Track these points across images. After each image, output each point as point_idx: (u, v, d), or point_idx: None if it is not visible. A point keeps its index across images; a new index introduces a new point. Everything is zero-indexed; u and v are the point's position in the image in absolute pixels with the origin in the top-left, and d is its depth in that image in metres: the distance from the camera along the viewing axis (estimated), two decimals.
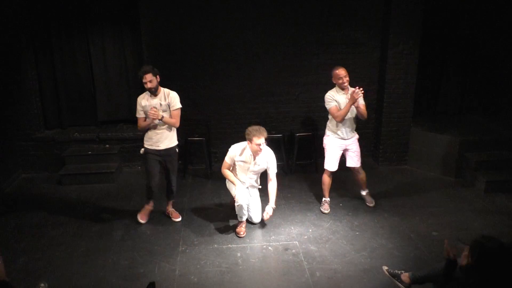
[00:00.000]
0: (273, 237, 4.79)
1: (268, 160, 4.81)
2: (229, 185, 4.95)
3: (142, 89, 6.57)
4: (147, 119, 4.81)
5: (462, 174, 6.25)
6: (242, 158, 4.75)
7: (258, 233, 4.87)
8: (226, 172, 4.86)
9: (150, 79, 4.69)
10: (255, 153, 4.67)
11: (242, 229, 4.83)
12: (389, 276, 3.88)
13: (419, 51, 6.37)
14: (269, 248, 4.58)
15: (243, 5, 6.24)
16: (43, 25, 6.35)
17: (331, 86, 6.69)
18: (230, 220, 5.13)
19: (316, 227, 4.98)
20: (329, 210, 5.36)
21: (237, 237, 4.76)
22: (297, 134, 6.45)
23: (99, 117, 6.81)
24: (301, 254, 4.44)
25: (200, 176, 6.44)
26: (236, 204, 4.70)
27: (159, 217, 5.24)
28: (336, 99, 5.07)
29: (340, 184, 6.14)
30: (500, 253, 2.60)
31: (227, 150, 6.75)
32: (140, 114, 4.85)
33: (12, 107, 6.34)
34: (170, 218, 5.19)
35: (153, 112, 4.66)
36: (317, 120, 6.81)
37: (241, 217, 4.80)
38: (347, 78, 4.97)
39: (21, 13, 6.08)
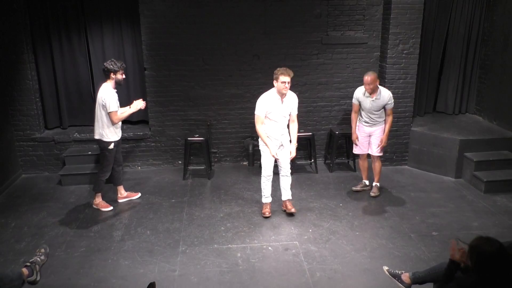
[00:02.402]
0: (273, 237, 4.79)
1: (293, 100, 5.05)
2: (262, 147, 5.10)
3: (142, 91, 6.64)
4: (128, 110, 5.27)
5: (462, 174, 6.25)
6: (271, 103, 4.89)
7: (258, 233, 4.87)
8: (260, 130, 4.96)
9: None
10: (281, 93, 4.86)
11: (267, 210, 5.19)
12: (390, 276, 3.87)
13: (419, 51, 6.38)
14: (269, 248, 4.58)
15: (243, 5, 6.24)
16: (43, 25, 6.34)
17: (330, 86, 6.74)
18: (230, 221, 5.14)
19: (316, 227, 4.98)
20: (358, 189, 5.84)
21: (237, 237, 4.76)
22: (297, 134, 6.43)
23: None
24: (301, 254, 4.44)
25: (200, 176, 6.44)
26: (263, 175, 5.07)
27: (159, 216, 5.25)
28: (360, 99, 5.48)
29: (341, 184, 6.15)
30: (499, 256, 2.58)
31: (227, 150, 6.84)
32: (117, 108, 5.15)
33: (12, 107, 6.34)
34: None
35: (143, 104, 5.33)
36: (317, 120, 6.82)
37: (265, 194, 5.17)
38: (371, 86, 5.25)
39: (21, 13, 6.07)
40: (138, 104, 5.30)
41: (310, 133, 6.57)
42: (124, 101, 6.77)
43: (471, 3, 6.73)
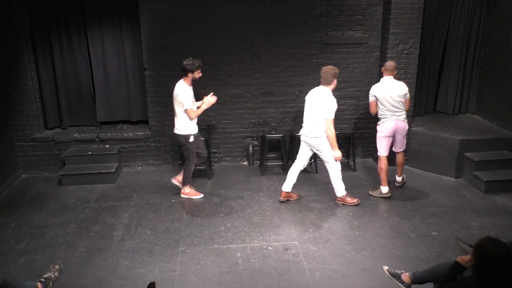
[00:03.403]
0: (273, 237, 4.79)
1: None
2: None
3: (142, 91, 6.64)
4: (202, 106, 5.45)
5: (462, 174, 6.25)
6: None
7: (258, 233, 4.87)
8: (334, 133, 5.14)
9: None
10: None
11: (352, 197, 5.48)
12: (390, 276, 3.87)
13: (419, 51, 6.38)
14: (269, 248, 4.58)
15: (243, 5, 6.24)
16: (43, 25, 6.34)
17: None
18: (230, 220, 5.14)
19: (316, 227, 4.98)
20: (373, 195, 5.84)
21: (237, 237, 4.76)
22: (297, 134, 6.43)
23: (99, 118, 6.80)
24: (301, 254, 4.45)
25: (200, 176, 6.44)
26: (339, 168, 5.32)
27: (159, 216, 5.25)
28: None
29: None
30: (503, 261, 2.51)
31: (227, 150, 6.83)
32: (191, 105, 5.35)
33: (12, 107, 6.34)
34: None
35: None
36: None
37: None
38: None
39: (21, 13, 6.07)
40: (210, 100, 5.47)
41: None
42: (122, 102, 6.83)
43: (471, 3, 6.73)
